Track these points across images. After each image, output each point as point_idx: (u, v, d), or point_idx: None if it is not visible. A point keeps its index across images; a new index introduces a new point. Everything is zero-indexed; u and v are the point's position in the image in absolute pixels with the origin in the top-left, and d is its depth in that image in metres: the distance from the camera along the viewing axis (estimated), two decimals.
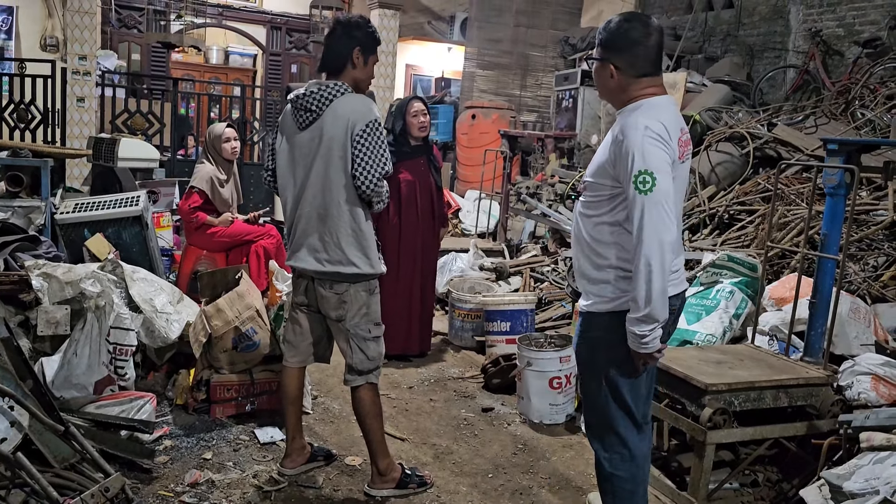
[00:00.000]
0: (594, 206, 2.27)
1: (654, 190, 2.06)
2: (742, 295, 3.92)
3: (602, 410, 2.33)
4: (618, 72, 2.20)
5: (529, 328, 4.62)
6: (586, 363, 2.38)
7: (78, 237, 4.57)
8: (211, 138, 5.11)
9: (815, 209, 3.96)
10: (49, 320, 3.31)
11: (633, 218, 2.09)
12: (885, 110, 5.87)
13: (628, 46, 2.19)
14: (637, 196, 2.07)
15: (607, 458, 2.35)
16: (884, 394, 3.05)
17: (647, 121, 2.11)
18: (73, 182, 7.95)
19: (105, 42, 10.48)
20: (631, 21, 2.22)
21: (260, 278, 4.86)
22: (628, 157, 2.08)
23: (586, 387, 2.40)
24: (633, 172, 2.07)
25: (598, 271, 2.28)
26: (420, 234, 4.66)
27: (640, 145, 2.08)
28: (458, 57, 12.00)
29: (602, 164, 2.22)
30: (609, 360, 2.27)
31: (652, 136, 2.09)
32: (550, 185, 7.69)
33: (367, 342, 2.90)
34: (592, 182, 2.27)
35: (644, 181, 2.06)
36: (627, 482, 2.35)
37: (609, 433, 2.34)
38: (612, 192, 2.20)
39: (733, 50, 8.97)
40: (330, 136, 2.76)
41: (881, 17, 7.41)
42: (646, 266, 2.07)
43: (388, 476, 2.98)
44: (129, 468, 2.96)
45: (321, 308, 2.92)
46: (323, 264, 2.82)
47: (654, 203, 2.06)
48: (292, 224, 2.90)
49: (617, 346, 2.22)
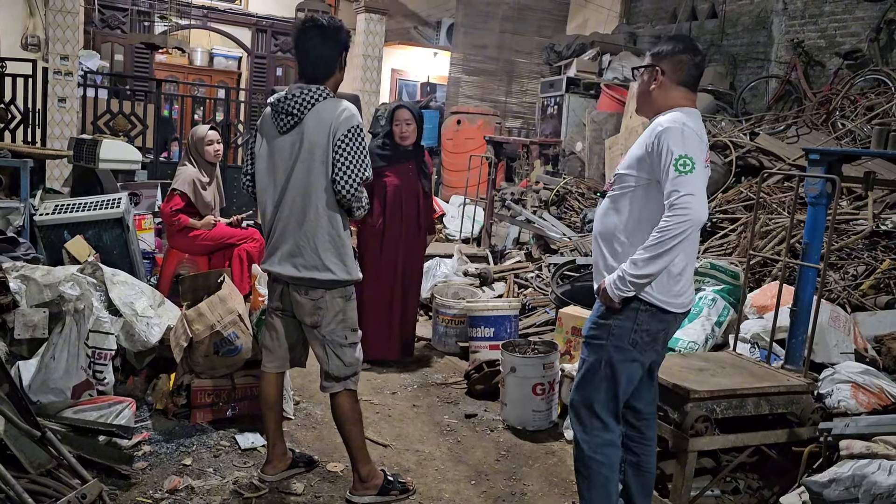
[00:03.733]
0: (623, 199, 2.43)
1: (694, 172, 2.27)
2: (724, 303, 3.95)
3: (591, 392, 2.45)
4: (663, 76, 2.45)
5: (513, 334, 4.63)
6: (595, 341, 2.48)
7: (57, 239, 4.52)
8: (193, 140, 5.07)
9: (796, 218, 4.00)
10: (27, 323, 3.26)
11: (671, 196, 2.26)
12: (865, 121, 5.95)
13: (675, 54, 2.46)
14: (676, 175, 2.26)
15: (587, 441, 2.46)
16: (863, 402, 3.08)
17: (685, 119, 2.37)
18: (54, 183, 7.85)
19: (88, 42, 10.39)
20: (682, 39, 2.53)
21: (242, 282, 4.82)
22: (669, 144, 2.30)
23: (586, 363, 2.49)
24: (675, 156, 2.28)
25: (620, 263, 2.40)
26: (403, 238, 4.64)
27: (681, 135, 2.31)
28: (443, 62, 12.01)
29: (638, 156, 2.40)
30: (617, 345, 2.42)
31: (690, 130, 2.34)
32: (535, 191, 7.71)
33: (344, 348, 2.88)
34: (625, 174, 2.43)
35: (685, 164, 2.27)
36: (604, 467, 2.45)
37: (592, 415, 2.46)
38: (646, 183, 2.38)
39: (717, 59, 9.05)
40: (311, 140, 2.74)
41: (862, 29, 7.52)
42: (674, 232, 2.24)
43: (369, 482, 2.96)
44: (107, 474, 2.91)
45: (296, 314, 2.91)
46: (299, 269, 2.80)
47: (691, 183, 2.26)
48: (271, 228, 2.88)
49: (629, 333, 2.40)
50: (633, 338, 2.40)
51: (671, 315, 2.45)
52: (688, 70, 2.45)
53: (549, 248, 6.25)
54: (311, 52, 2.79)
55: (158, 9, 11.19)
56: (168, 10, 11.31)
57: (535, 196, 7.60)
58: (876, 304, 3.95)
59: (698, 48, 2.52)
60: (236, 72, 12.99)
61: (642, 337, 2.41)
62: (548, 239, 6.32)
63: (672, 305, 2.42)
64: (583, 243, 5.86)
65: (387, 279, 4.60)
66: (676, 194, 2.25)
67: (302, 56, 2.80)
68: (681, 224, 2.24)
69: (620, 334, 2.40)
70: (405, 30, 12.68)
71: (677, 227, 2.24)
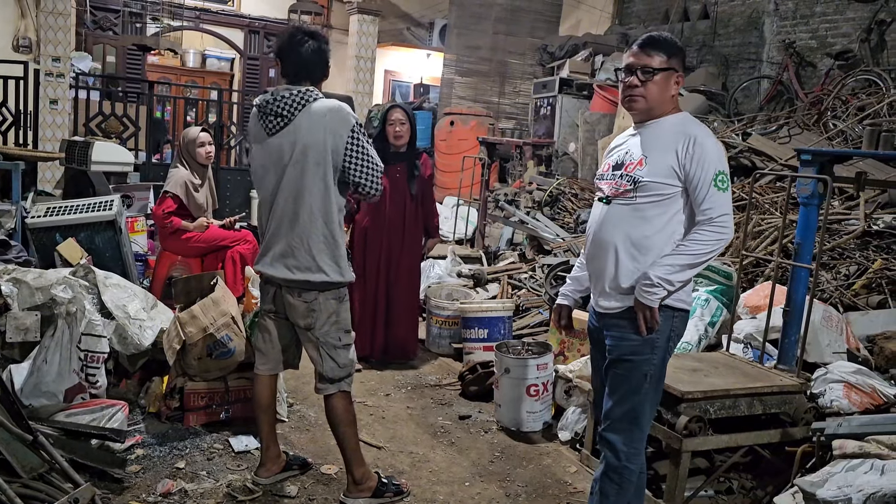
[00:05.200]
0: (655, 208, 2.36)
1: (728, 190, 2.31)
2: (717, 303, 3.96)
3: (637, 404, 2.41)
4: (683, 80, 2.41)
5: (507, 335, 4.62)
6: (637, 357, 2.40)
7: (49, 242, 4.50)
8: (185, 142, 5.05)
9: (788, 218, 4.01)
10: (18, 327, 3.25)
11: (709, 209, 2.29)
12: (856, 121, 5.98)
13: (682, 54, 2.41)
14: (717, 192, 2.29)
15: (625, 452, 2.43)
16: (856, 401, 3.09)
17: (708, 130, 2.37)
18: (46, 185, 7.82)
19: (79, 44, 10.34)
20: (674, 38, 2.44)
21: (236, 284, 4.81)
22: (709, 156, 2.30)
23: (627, 380, 2.41)
24: (715, 171, 2.29)
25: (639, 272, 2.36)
26: (387, 239, 4.64)
27: (717, 150, 2.33)
28: (437, 63, 12.02)
29: (668, 164, 2.33)
30: (660, 356, 2.40)
31: (720, 142, 2.36)
32: (528, 192, 7.72)
33: (338, 350, 2.88)
34: (656, 182, 2.34)
35: (723, 180, 2.30)
36: (634, 475, 2.46)
37: (635, 427, 2.43)
38: (680, 192, 2.35)
39: (709, 60, 9.08)
40: (305, 142, 2.73)
41: (853, 29, 7.55)
42: (710, 247, 2.28)
43: (363, 485, 2.95)
44: (100, 478, 2.89)
45: (289, 316, 2.90)
46: (292, 271, 2.79)
47: (728, 202, 2.32)
48: (265, 230, 2.89)
49: (666, 341, 2.39)
50: (669, 345, 2.42)
51: (688, 314, 2.49)
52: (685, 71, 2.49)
53: (543, 249, 6.25)
54: (297, 53, 2.78)
55: (150, 10, 11.15)
56: (160, 12, 11.27)
57: (528, 197, 7.61)
58: (868, 303, 3.97)
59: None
60: (229, 73, 12.96)
61: (675, 341, 2.44)
62: (541, 240, 6.33)
63: (689, 304, 2.47)
64: (576, 244, 5.87)
65: (371, 278, 4.62)
66: (717, 212, 2.29)
67: (286, 57, 2.81)
68: (719, 241, 2.29)
69: (661, 344, 2.39)
70: (398, 31, 12.68)
71: (716, 243, 2.29)
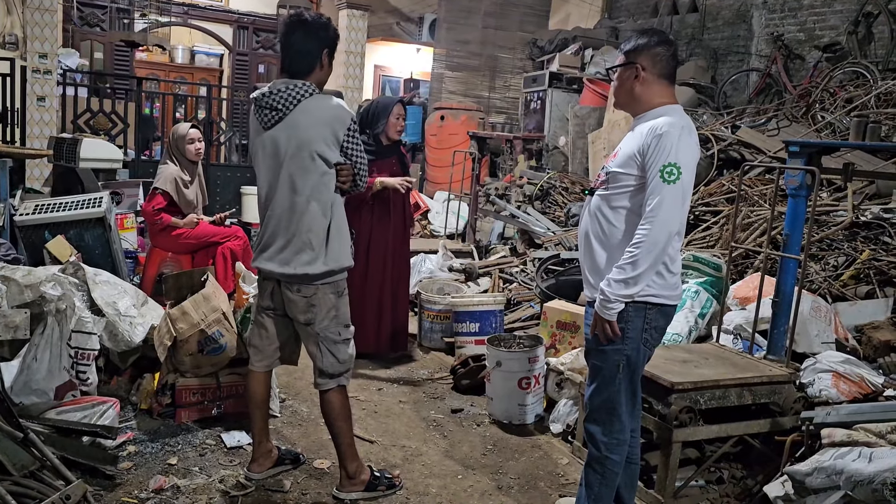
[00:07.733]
0: (621, 198, 2.39)
1: (678, 182, 2.26)
2: (707, 294, 3.98)
3: (613, 394, 2.45)
4: (644, 72, 2.40)
5: (498, 329, 4.64)
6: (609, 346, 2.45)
7: (38, 239, 4.47)
8: (174, 139, 5.03)
9: (777, 210, 4.04)
10: (8, 324, 3.23)
11: (650, 203, 2.27)
12: (844, 113, 6.01)
13: (651, 47, 2.41)
14: (660, 183, 2.26)
15: (605, 442, 2.48)
16: (844, 391, 3.12)
17: (682, 122, 2.35)
18: (34, 183, 7.77)
19: (67, 40, 10.27)
20: (653, 32, 2.47)
21: (226, 280, 4.80)
22: (663, 149, 2.27)
23: (602, 369, 2.47)
24: (663, 163, 2.26)
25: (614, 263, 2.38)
26: (391, 232, 4.64)
27: (677, 141, 2.28)
28: (426, 58, 12.00)
29: (631, 155, 2.36)
30: (633, 347, 2.42)
31: (687, 136, 2.33)
32: (519, 186, 7.73)
33: (338, 345, 2.87)
34: (621, 172, 2.39)
35: (671, 172, 2.26)
36: (617, 465, 2.49)
37: (613, 417, 2.47)
38: (637, 183, 2.35)
39: (698, 53, 9.11)
40: (301, 137, 2.72)
41: (840, 22, 7.59)
42: (650, 244, 2.25)
43: (356, 479, 2.96)
44: (92, 475, 2.89)
45: (289, 312, 2.89)
46: (291, 266, 2.78)
47: (674, 195, 2.26)
48: (263, 225, 2.88)
49: (640, 333, 2.40)
50: (645, 336, 2.42)
51: (672, 309, 2.49)
52: (666, 62, 2.41)
53: (534, 243, 6.26)
54: (293, 46, 2.76)
55: (138, 6, 11.08)
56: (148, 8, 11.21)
57: (519, 191, 7.62)
58: (856, 294, 4.00)
59: (670, 39, 2.49)
60: (218, 69, 12.91)
61: (652, 334, 2.44)
62: (532, 233, 6.34)
63: (672, 299, 2.45)
64: (567, 237, 5.88)
65: (376, 273, 4.61)
66: (651, 203, 2.26)
67: (284, 50, 2.79)
68: (651, 234, 2.25)
69: (634, 335, 2.41)
70: (388, 26, 12.64)
71: (650, 242, 2.25)
